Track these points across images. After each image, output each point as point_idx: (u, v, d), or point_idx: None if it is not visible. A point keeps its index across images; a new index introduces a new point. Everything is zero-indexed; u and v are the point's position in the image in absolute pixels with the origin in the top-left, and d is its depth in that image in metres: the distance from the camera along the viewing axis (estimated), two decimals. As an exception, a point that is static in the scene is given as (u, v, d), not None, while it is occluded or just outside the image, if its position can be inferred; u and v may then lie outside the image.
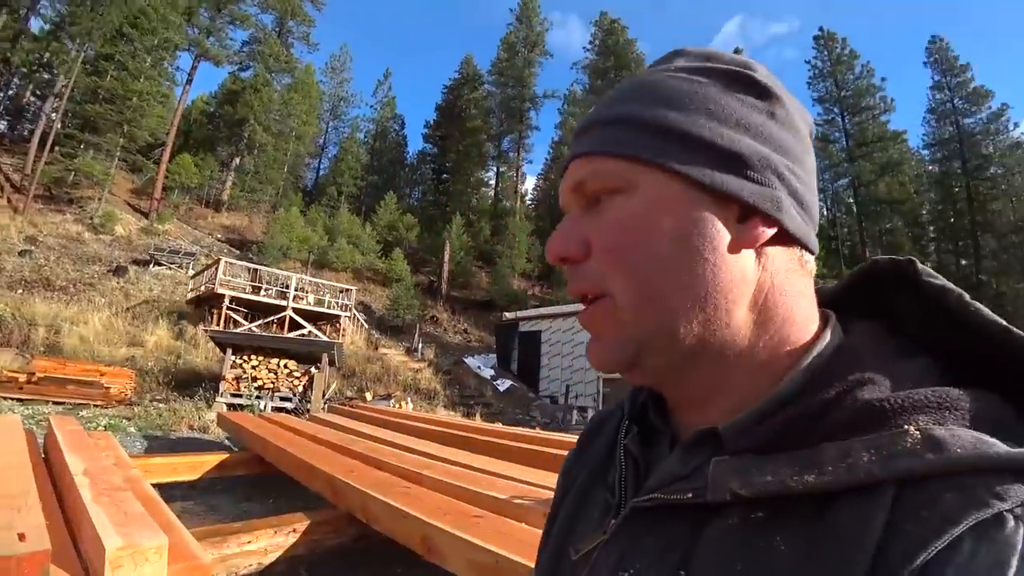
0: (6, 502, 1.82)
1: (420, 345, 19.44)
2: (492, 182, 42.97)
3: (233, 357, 9.37)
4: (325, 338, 14.76)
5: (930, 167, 38.13)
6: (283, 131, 35.00)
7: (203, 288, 15.16)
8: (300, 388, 9.63)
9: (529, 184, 50.03)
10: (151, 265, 19.95)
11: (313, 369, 9.85)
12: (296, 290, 16.14)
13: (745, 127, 0.37)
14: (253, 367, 9.38)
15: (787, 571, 0.29)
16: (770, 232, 0.37)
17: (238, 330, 13.20)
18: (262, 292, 15.79)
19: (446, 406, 13.92)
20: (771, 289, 0.37)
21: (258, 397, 9.05)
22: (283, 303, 15.29)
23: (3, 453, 2.70)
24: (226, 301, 14.07)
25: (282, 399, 9.34)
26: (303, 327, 15.29)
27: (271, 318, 14.98)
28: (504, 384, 17.61)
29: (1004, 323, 0.34)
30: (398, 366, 16.15)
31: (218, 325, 13.63)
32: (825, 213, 43.56)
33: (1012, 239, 31.90)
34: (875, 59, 56.73)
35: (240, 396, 9.06)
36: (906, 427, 0.29)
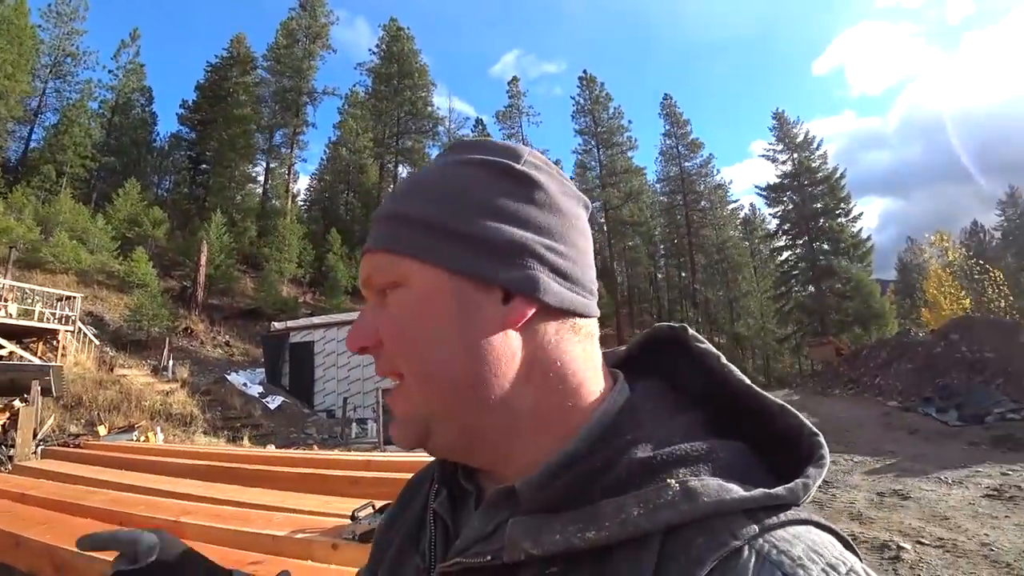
0: None
1: (170, 363, 16.79)
2: (261, 178, 39.17)
3: None
4: (36, 360, 11.68)
5: (661, 197, 47.70)
6: (-30, 84, 26.52)
7: None
8: (-3, 430, 7.44)
9: (303, 184, 46.78)
10: None
11: (17, 403, 7.71)
12: (-12, 300, 12.47)
13: (504, 215, 0.40)
14: (-86, 408, 6.94)
15: None
16: (530, 311, 0.39)
17: None
18: (-71, 303, 11.78)
19: (207, 432, 12.30)
20: (544, 359, 0.40)
21: (-76, 448, 6.73)
22: (-34, 317, 11.65)
23: None
24: None
25: (-34, 446, 7.11)
26: (1, 347, 11.85)
27: (-55, 338, 11.28)
28: (275, 401, 16.20)
29: (747, 382, 0.41)
30: (142, 389, 13.60)
31: None
32: (583, 230, 50.90)
33: (715, 257, 42.24)
34: (625, 104, 68.03)
35: None
36: (668, 480, 0.33)
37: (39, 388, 8.01)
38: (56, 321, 13.92)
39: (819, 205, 37.90)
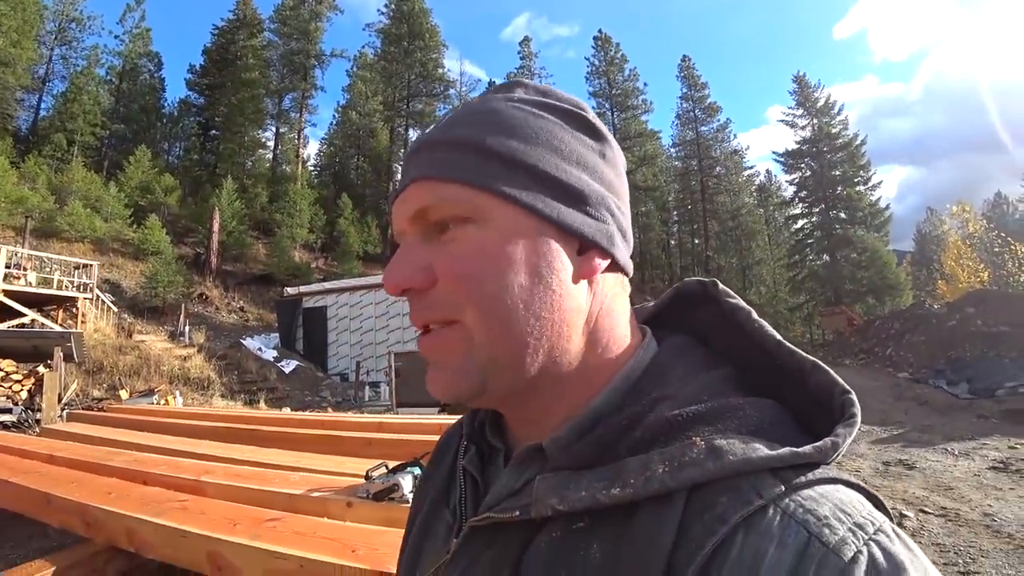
0: None
1: (187, 328, 17.09)
2: (271, 143, 38.87)
3: (-92, 360, 7.04)
4: (57, 327, 11.96)
5: (676, 162, 46.62)
6: (-23, 52, 26.39)
7: None
8: (24, 395, 7.69)
9: (312, 148, 46.48)
10: None
11: (42, 368, 7.94)
12: (9, 267, 12.69)
13: (584, 166, 0.40)
14: (-56, 372, 7.19)
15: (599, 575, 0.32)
16: (604, 264, 0.40)
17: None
18: (-48, 270, 12.01)
19: (224, 395, 12.57)
20: (600, 313, 0.41)
21: (-45, 411, 7.00)
22: (-12, 284, 11.89)
23: None
24: None
25: (-4, 410, 7.37)
26: (22, 315, 12.14)
27: (-31, 304, 11.56)
28: (289, 365, 16.44)
29: (778, 337, 0.40)
30: (160, 354, 13.91)
31: None
32: (595, 196, 50.26)
33: (729, 224, 41.27)
34: (640, 66, 66.08)
35: (-75, 412, 6.90)
36: (694, 438, 0.33)
37: (61, 354, 8.26)
38: (74, 289, 14.15)
39: (837, 172, 36.92)
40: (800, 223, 39.56)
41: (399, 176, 0.43)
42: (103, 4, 66.59)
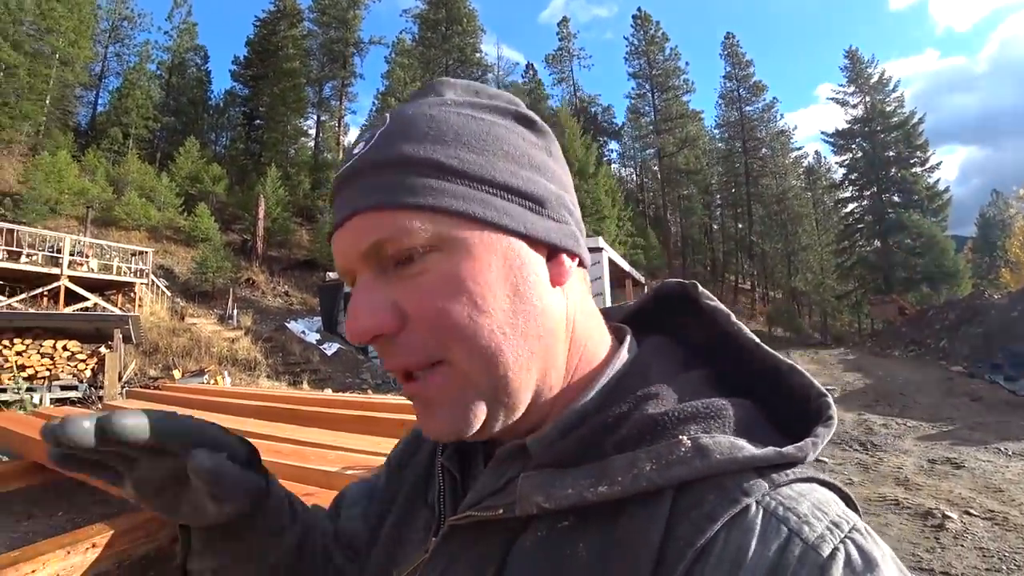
0: None
1: (235, 311, 17.75)
2: (312, 131, 39.67)
3: (-13, 341, 7.63)
4: (117, 310, 12.70)
5: (719, 144, 45.06)
6: (42, 51, 27.77)
7: (-69, 253, 11.87)
8: (88, 373, 8.25)
9: (352, 135, 47.22)
10: None
11: (104, 349, 8.48)
12: (73, 254, 13.50)
13: (535, 167, 0.38)
14: (19, 353, 7.74)
15: (587, 574, 0.32)
16: (574, 265, 0.39)
17: (-9, 305, 10.72)
18: (24, 258, 12.85)
19: (269, 376, 13.07)
20: (578, 315, 0.40)
21: (29, 389, 7.53)
22: (55, 271, 12.67)
23: None
24: (-31, 270, 11.23)
25: (64, 388, 7.92)
26: (85, 299, 12.93)
27: (39, 290, 12.37)
28: (332, 348, 16.88)
29: (757, 340, 0.40)
30: (211, 336, 14.57)
31: (-41, 300, 10.88)
32: (635, 179, 49.07)
33: (774, 208, 39.49)
34: (681, 45, 64.00)
35: (4, 391, 7.45)
36: (680, 437, 0.33)
37: (121, 336, 8.78)
38: (132, 274, 14.97)
39: (892, 153, 35.04)
40: (850, 207, 37.84)
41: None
42: (152, 1, 69.05)
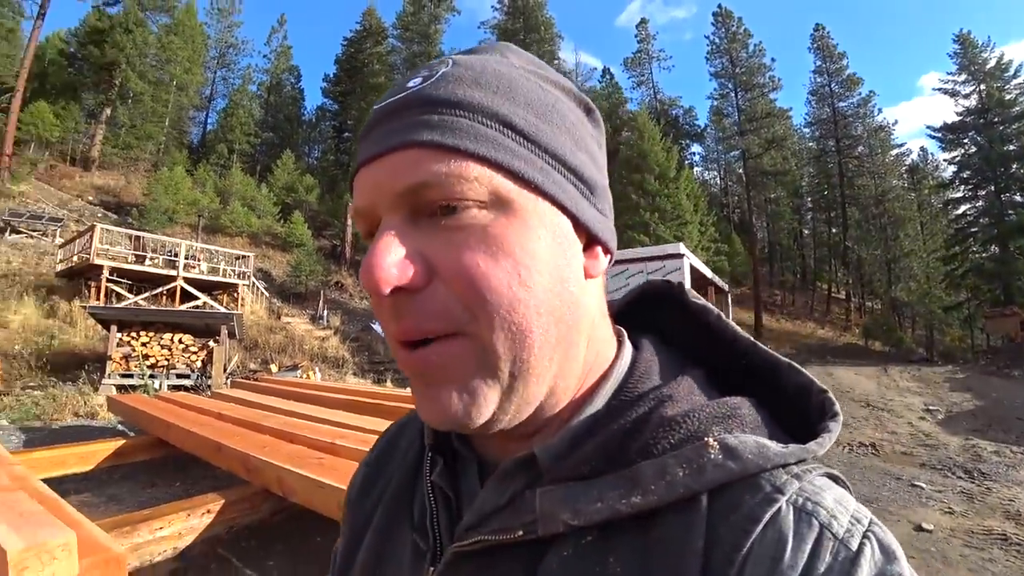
0: None
1: (325, 312, 18.86)
2: (397, 143, 41.67)
3: (119, 334, 8.67)
4: (222, 309, 13.95)
5: (810, 144, 41.98)
6: (162, 79, 31.43)
7: (76, 258, 13.56)
8: (199, 364, 9.15)
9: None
10: (6, 233, 17.49)
11: (212, 343, 9.37)
12: (187, 258, 15.01)
13: (589, 153, 0.37)
14: (143, 344, 8.75)
15: None
16: (607, 262, 0.38)
17: (122, 304, 12.13)
18: (147, 261, 14.47)
19: (355, 373, 13.79)
20: (596, 312, 0.38)
21: (151, 376, 8.50)
22: (172, 273, 14.15)
23: None
24: (105, 272, 12.72)
25: (179, 376, 8.85)
26: (196, 298, 14.32)
27: (159, 290, 13.83)
28: (413, 350, 17.67)
29: (751, 339, 0.40)
30: (303, 335, 15.66)
31: (97, 299, 12.38)
32: (718, 182, 47.10)
33: (872, 211, 35.98)
34: (766, 39, 60.79)
35: (131, 376, 8.45)
36: (706, 439, 0.32)
37: (226, 331, 9.68)
38: (235, 276, 16.36)
39: (1012, 147, 31.18)
40: (962, 208, 33.95)
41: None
42: (252, 28, 75.47)
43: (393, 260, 0.31)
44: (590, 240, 0.36)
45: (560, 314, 0.33)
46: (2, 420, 6.58)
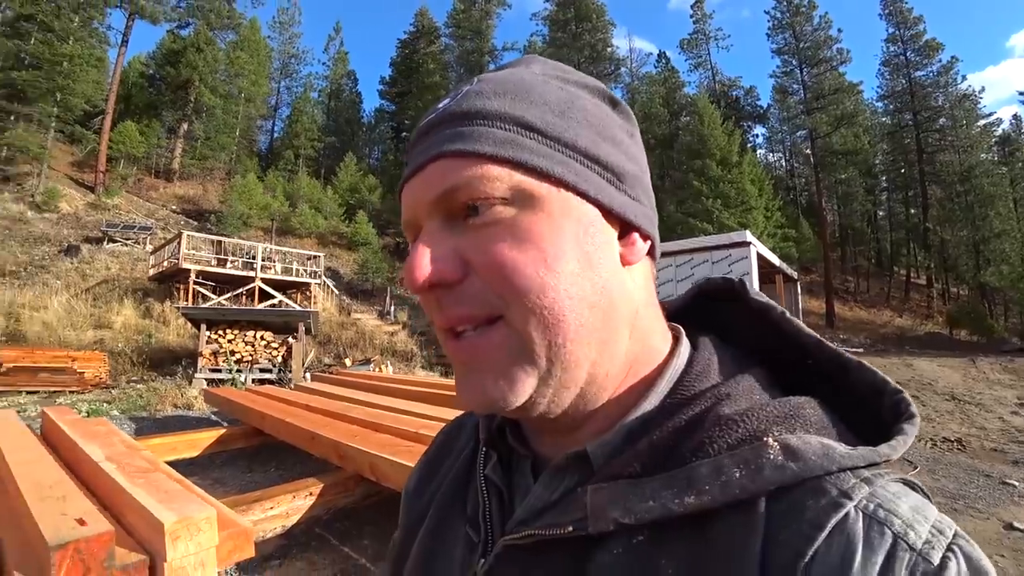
0: (47, 492, 1.87)
1: (392, 308, 19.43)
2: (454, 141, 42.48)
3: (208, 332, 9.36)
4: (297, 307, 14.73)
5: (883, 119, 39.00)
6: (232, 92, 33.38)
7: (166, 264, 14.76)
8: (279, 358, 9.73)
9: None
10: (105, 242, 19.16)
11: (290, 339, 9.94)
12: (263, 259, 15.93)
13: (617, 143, 0.37)
14: (229, 341, 9.40)
15: None
16: (646, 248, 0.38)
17: (207, 304, 13.06)
18: (228, 264, 15.48)
19: (424, 367, 14.18)
20: (644, 304, 0.38)
21: (238, 371, 9.12)
22: (251, 274, 15.07)
23: (16, 447, 2.66)
24: (192, 276, 13.77)
25: (262, 370, 9.44)
26: (273, 297, 15.19)
27: (239, 290, 14.79)
28: (478, 344, 17.98)
29: (817, 336, 0.38)
30: (373, 330, 16.25)
31: (186, 300, 13.40)
32: (783, 164, 44.85)
33: (957, 188, 32.72)
34: (832, 10, 56.98)
35: (219, 371, 9.11)
36: (765, 439, 0.31)
37: (303, 328, 10.23)
38: (307, 276, 17.23)
39: None
40: (1065, 180, 30.79)
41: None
42: (311, 37, 78.60)
43: (428, 260, 0.34)
44: (625, 227, 0.37)
45: (594, 299, 0.34)
46: (114, 411, 7.27)
